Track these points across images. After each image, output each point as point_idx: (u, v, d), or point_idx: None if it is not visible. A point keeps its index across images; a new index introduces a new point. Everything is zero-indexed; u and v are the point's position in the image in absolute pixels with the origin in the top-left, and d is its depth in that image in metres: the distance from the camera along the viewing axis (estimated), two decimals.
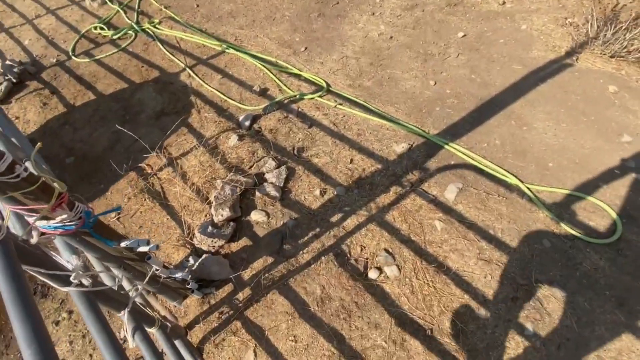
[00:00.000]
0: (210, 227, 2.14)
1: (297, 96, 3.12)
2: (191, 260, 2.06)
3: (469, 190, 2.24)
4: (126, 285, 1.51)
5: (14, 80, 3.89)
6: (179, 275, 1.70)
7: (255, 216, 2.29)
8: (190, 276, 1.81)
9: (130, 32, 4.18)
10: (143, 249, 1.28)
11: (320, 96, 3.09)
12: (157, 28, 4.15)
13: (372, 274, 1.96)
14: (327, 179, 2.47)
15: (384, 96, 3.01)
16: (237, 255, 2.17)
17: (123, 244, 1.27)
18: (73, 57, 4.02)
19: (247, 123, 2.90)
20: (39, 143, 1.02)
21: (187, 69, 3.55)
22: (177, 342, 1.74)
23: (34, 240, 0.95)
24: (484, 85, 2.88)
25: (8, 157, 0.85)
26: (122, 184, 2.73)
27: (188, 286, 1.83)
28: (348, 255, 2.09)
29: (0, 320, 2.22)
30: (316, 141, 2.74)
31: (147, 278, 1.46)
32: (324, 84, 3.17)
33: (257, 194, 2.39)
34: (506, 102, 2.72)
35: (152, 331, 1.47)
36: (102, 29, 4.30)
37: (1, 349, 2.14)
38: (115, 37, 4.15)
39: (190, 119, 3.09)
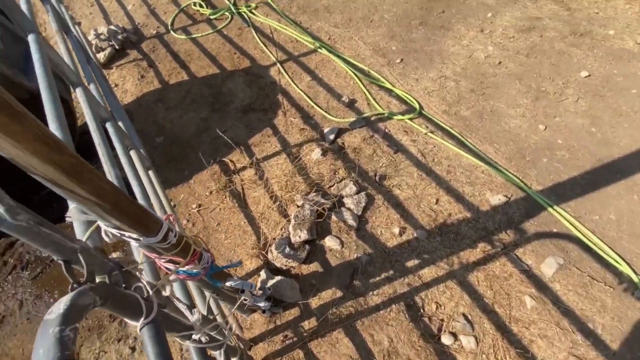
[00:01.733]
0: (287, 247, 2.14)
1: (386, 114, 2.97)
2: (263, 276, 2.09)
3: (571, 269, 2.01)
4: (213, 307, 1.56)
5: (117, 47, 4.13)
6: (262, 304, 1.73)
7: (330, 242, 2.26)
8: (270, 305, 1.84)
9: (227, 13, 4.21)
10: (247, 291, 1.29)
11: (410, 118, 2.91)
12: (252, 13, 4.14)
13: (446, 339, 1.86)
14: (407, 217, 2.35)
15: (482, 131, 2.76)
16: (307, 279, 2.17)
17: (228, 284, 1.30)
18: (171, 32, 4.16)
19: (332, 136, 2.83)
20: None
21: (278, 64, 3.52)
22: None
23: (167, 292, 0.98)
24: (605, 142, 2.52)
25: (164, 228, 0.85)
26: (206, 176, 2.82)
27: (261, 306, 1.86)
28: (421, 310, 1.99)
29: None
30: (400, 170, 2.60)
31: (235, 307, 1.48)
32: (417, 105, 2.98)
33: (334, 217, 2.34)
34: (630, 170, 2.36)
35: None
36: (200, 5, 4.39)
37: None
38: (212, 16, 4.21)
39: (276, 120, 3.09)
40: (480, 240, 2.20)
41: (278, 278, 2.06)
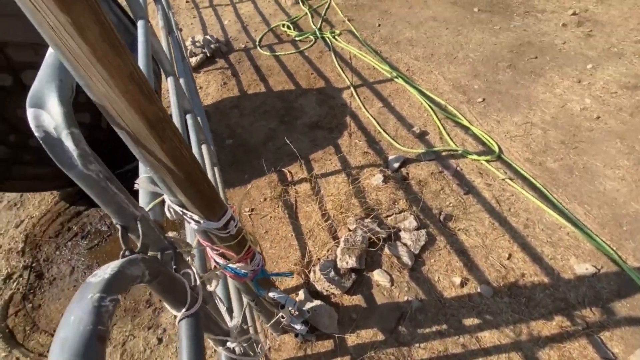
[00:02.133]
0: (332, 272, 1.99)
1: (460, 152, 2.76)
2: (302, 296, 1.95)
3: None
4: (248, 317, 1.45)
5: (208, 55, 4.48)
6: (298, 327, 1.59)
7: (378, 277, 2.06)
8: (307, 329, 1.69)
9: (311, 36, 4.40)
10: (289, 306, 1.17)
11: (487, 160, 2.67)
12: (335, 39, 4.26)
13: None
14: (472, 268, 2.08)
15: (571, 189, 2.42)
16: (347, 311, 1.98)
17: (271, 295, 1.19)
18: (258, 47, 4.43)
19: (396, 165, 2.69)
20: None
21: (352, 87, 3.52)
22: None
23: (212, 287, 0.90)
24: None
25: (228, 215, 0.78)
26: (263, 183, 2.82)
27: (297, 328, 1.71)
28: None
29: None
30: (469, 214, 2.35)
31: (272, 321, 1.36)
32: (496, 148, 2.73)
33: (387, 251, 2.15)
34: None
35: None
36: (288, 27, 4.64)
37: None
38: (297, 38, 4.42)
39: (340, 140, 3.04)
40: (557, 312, 1.85)
41: (317, 302, 1.91)
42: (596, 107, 2.95)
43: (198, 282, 0.71)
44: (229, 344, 0.87)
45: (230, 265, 0.96)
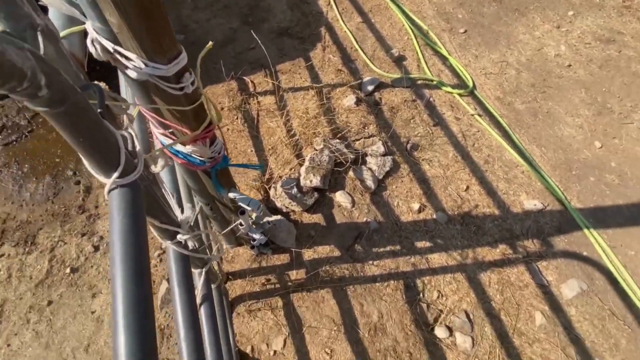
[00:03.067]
0: (295, 189, 1.88)
1: (435, 82, 2.65)
2: (269, 218, 1.84)
3: (593, 298, 1.81)
4: (201, 224, 1.31)
5: None
6: (257, 236, 1.48)
7: (340, 198, 2.00)
8: (265, 239, 1.59)
9: None
10: (252, 210, 1.04)
11: (460, 94, 2.60)
12: None
13: (440, 332, 1.67)
14: (430, 196, 2.10)
15: (533, 131, 2.47)
16: (306, 228, 1.93)
17: (232, 195, 1.03)
18: None
19: (370, 88, 2.51)
20: (209, 43, 0.73)
21: None
22: (213, 287, 1.58)
23: (157, 168, 0.70)
24: None
25: (182, 59, 0.56)
26: (220, 90, 2.49)
27: (255, 238, 1.62)
28: (421, 295, 1.79)
29: None
30: (435, 145, 2.32)
31: (228, 229, 1.23)
32: (470, 82, 2.66)
33: (351, 174, 2.08)
34: None
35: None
36: None
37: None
38: None
39: (312, 53, 2.73)
40: (502, 241, 1.98)
41: (277, 217, 1.81)
42: (569, 55, 2.95)
43: (137, 146, 0.52)
44: (179, 237, 0.71)
45: (181, 149, 0.77)
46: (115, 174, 0.50)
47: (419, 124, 2.41)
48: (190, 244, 0.76)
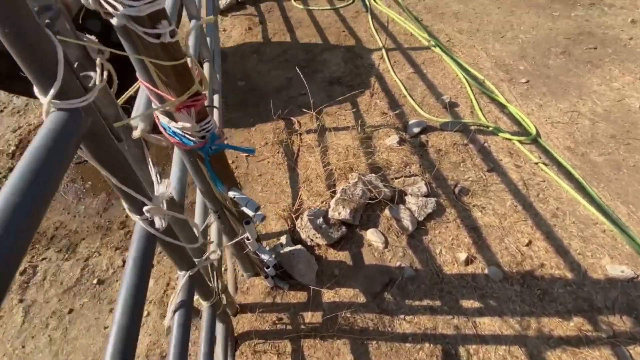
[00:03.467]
0: (321, 219, 1.75)
1: (491, 129, 2.44)
2: (283, 241, 1.72)
3: None
4: (214, 236, 1.23)
5: (238, 0, 4.27)
6: (265, 257, 1.36)
7: (372, 236, 1.80)
8: (274, 262, 1.46)
9: None
10: (248, 211, 0.94)
11: (521, 141, 2.34)
12: (375, 1, 3.95)
13: None
14: (482, 247, 1.78)
15: (616, 185, 2.07)
16: (329, 266, 1.74)
17: (231, 194, 0.96)
18: (292, 0, 4.18)
19: (416, 130, 2.39)
20: (211, 16, 0.72)
21: (383, 49, 3.23)
22: (218, 324, 1.43)
23: (136, 133, 0.67)
24: None
25: (159, 3, 0.54)
26: (268, 128, 2.60)
27: (267, 269, 1.49)
28: None
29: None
30: (489, 192, 2.05)
31: (234, 241, 1.13)
32: (533, 130, 2.39)
33: (387, 212, 1.89)
34: None
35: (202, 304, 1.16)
36: None
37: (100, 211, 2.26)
38: None
39: (359, 98, 2.76)
40: (578, 313, 1.54)
41: (297, 247, 1.67)
42: None
43: (98, 60, 0.48)
44: (145, 208, 0.64)
45: (171, 125, 0.73)
46: (52, 91, 0.46)
47: (470, 168, 2.18)
48: (158, 223, 0.68)
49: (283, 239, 1.77)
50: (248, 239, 1.20)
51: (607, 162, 2.21)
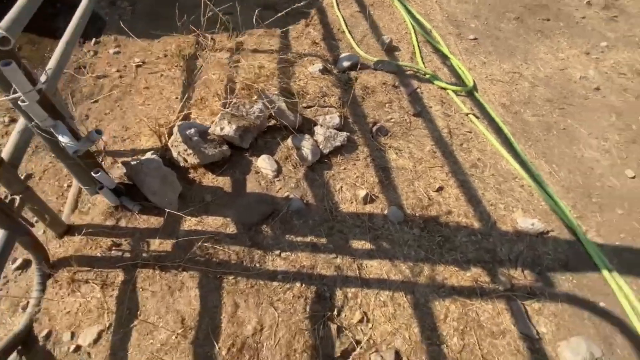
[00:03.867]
0: (193, 130, 1.38)
1: (427, 76, 2.20)
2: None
3: None
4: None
5: None
6: (67, 141, 0.94)
7: (262, 163, 1.48)
8: (100, 171, 1.07)
9: None
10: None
11: (455, 92, 2.12)
12: None
13: None
14: (387, 187, 1.54)
15: (543, 145, 1.92)
16: (201, 190, 1.40)
17: None
18: None
19: (346, 64, 2.09)
20: None
21: None
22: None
23: None
24: None
25: None
26: (175, 40, 2.14)
27: (96, 174, 1.11)
28: (335, 312, 1.16)
29: None
30: (410, 135, 1.80)
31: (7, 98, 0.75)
32: (471, 82, 2.19)
33: (289, 141, 1.57)
34: None
35: None
36: None
37: None
38: None
39: (292, 26, 2.40)
40: (478, 263, 1.35)
41: (151, 156, 1.30)
42: (599, 79, 2.46)
43: None
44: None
45: None
46: None
47: (396, 110, 1.92)
48: None
49: (148, 155, 1.39)
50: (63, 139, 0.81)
51: (539, 122, 2.07)
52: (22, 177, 1.46)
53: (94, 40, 2.18)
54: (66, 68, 2.05)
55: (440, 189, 1.58)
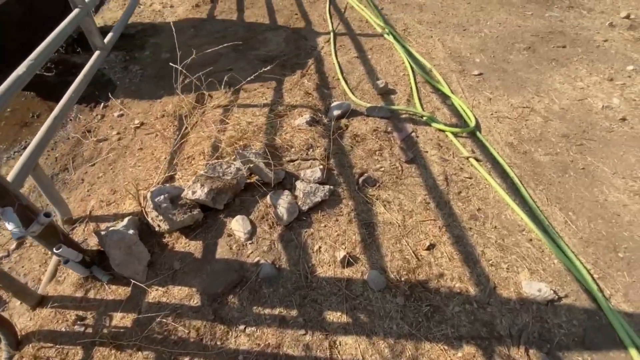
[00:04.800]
0: (162, 197, 1.38)
1: (425, 118, 2.10)
2: (120, 226, 1.35)
3: None
4: None
5: None
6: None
7: (236, 225, 1.44)
8: (61, 246, 1.08)
9: None
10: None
11: (455, 133, 1.99)
12: None
13: None
14: (370, 248, 1.42)
15: (557, 189, 1.71)
16: (171, 257, 1.37)
17: None
18: None
19: (337, 113, 2.05)
20: None
21: (332, 33, 2.92)
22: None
23: None
24: None
25: None
26: (175, 101, 2.25)
27: (57, 250, 1.12)
28: None
29: None
30: (402, 185, 1.69)
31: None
32: (473, 122, 2.05)
33: (267, 199, 1.52)
34: None
35: None
36: None
37: None
38: None
39: (288, 78, 2.44)
40: (472, 340, 1.16)
41: (118, 226, 1.30)
42: (625, 108, 2.21)
43: None
44: None
45: None
46: None
47: (387, 157, 1.82)
48: None
49: (124, 222, 1.40)
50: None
51: (553, 162, 1.86)
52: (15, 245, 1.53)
53: (102, 104, 2.35)
54: (74, 132, 2.22)
55: (431, 246, 1.43)
